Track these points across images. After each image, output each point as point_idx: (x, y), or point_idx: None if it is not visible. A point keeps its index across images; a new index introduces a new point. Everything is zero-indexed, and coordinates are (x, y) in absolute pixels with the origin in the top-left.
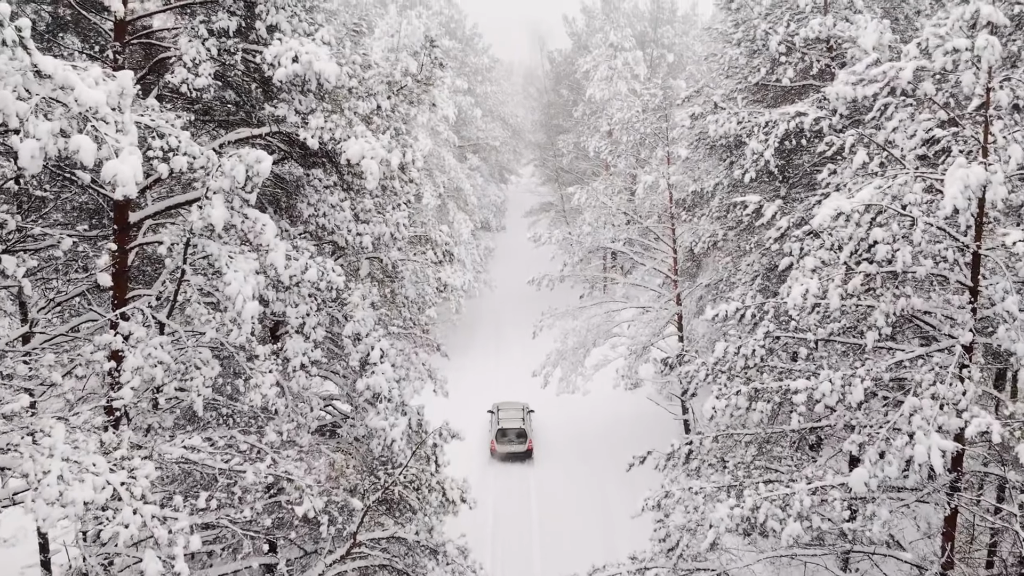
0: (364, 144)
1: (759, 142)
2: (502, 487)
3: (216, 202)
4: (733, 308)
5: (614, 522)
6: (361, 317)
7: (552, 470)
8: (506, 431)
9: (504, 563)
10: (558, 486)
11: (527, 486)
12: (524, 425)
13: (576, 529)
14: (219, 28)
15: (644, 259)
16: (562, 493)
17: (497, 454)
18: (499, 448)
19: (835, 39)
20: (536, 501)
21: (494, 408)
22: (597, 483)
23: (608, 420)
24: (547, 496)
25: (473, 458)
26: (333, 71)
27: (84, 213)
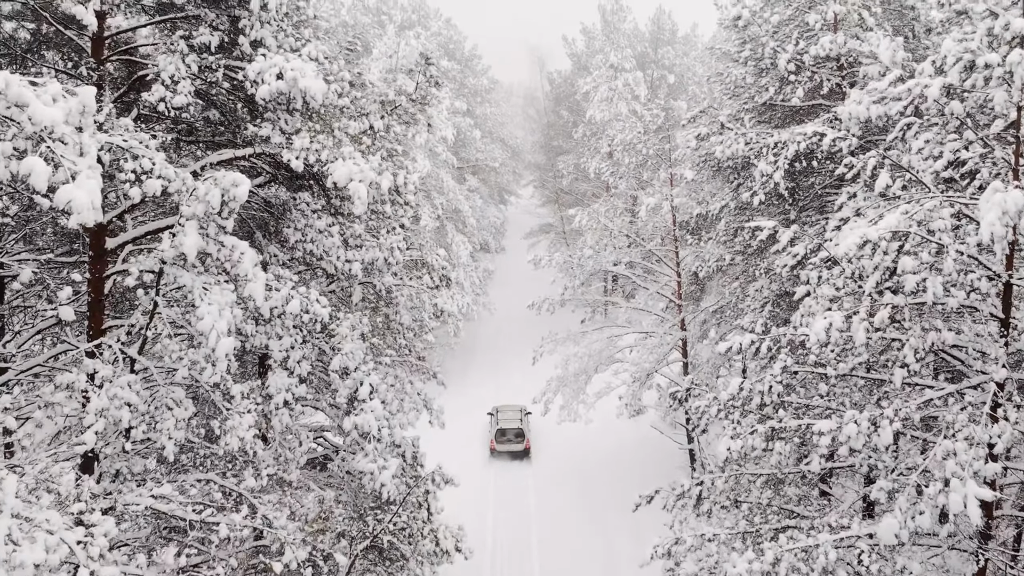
0: (352, 166)
1: (768, 164)
2: (501, 521)
3: (189, 229)
4: (748, 341)
5: (616, 564)
6: (350, 350)
7: (552, 499)
8: (505, 431)
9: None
10: (558, 516)
11: (526, 506)
12: (522, 425)
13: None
14: (200, 43)
15: (647, 283)
16: (562, 524)
17: (496, 452)
18: (498, 447)
19: (845, 57)
20: (536, 529)
21: (494, 410)
22: (599, 517)
23: (610, 448)
24: (547, 526)
25: (472, 470)
26: (319, 89)
27: (65, 238)
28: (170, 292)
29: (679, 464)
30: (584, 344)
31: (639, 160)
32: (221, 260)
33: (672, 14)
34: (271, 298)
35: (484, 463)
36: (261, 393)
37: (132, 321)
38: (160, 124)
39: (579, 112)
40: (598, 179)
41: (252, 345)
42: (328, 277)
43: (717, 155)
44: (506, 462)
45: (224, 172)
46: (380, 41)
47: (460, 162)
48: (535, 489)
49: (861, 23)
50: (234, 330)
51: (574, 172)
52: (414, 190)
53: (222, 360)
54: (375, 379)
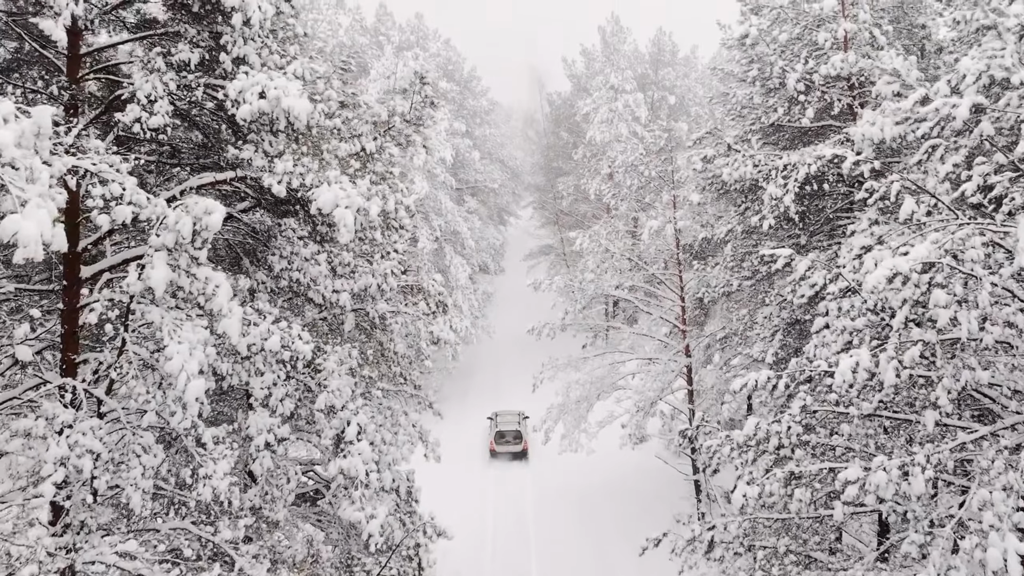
0: (338, 191)
1: (778, 187)
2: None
3: (157, 262)
4: (764, 377)
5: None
6: (336, 387)
7: (553, 530)
8: (504, 433)
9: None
10: (559, 548)
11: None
12: (520, 427)
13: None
14: (179, 61)
15: (650, 308)
16: (563, 556)
17: (496, 454)
18: (498, 448)
19: (856, 77)
20: (536, 562)
21: (493, 415)
22: (602, 551)
23: (612, 477)
24: (547, 559)
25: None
26: (304, 108)
27: (43, 263)
28: (140, 328)
29: (683, 494)
30: (585, 371)
31: (641, 182)
32: (194, 294)
33: (672, 35)
34: (249, 334)
35: (482, 498)
36: (241, 435)
37: (101, 358)
38: (143, 146)
39: (579, 133)
40: (598, 200)
41: (231, 384)
42: (317, 306)
43: (724, 178)
44: (506, 494)
45: (196, 198)
46: (378, 62)
47: (459, 183)
48: (535, 519)
49: (872, 42)
50: (208, 370)
51: (574, 193)
52: (412, 211)
53: (192, 404)
54: (363, 418)
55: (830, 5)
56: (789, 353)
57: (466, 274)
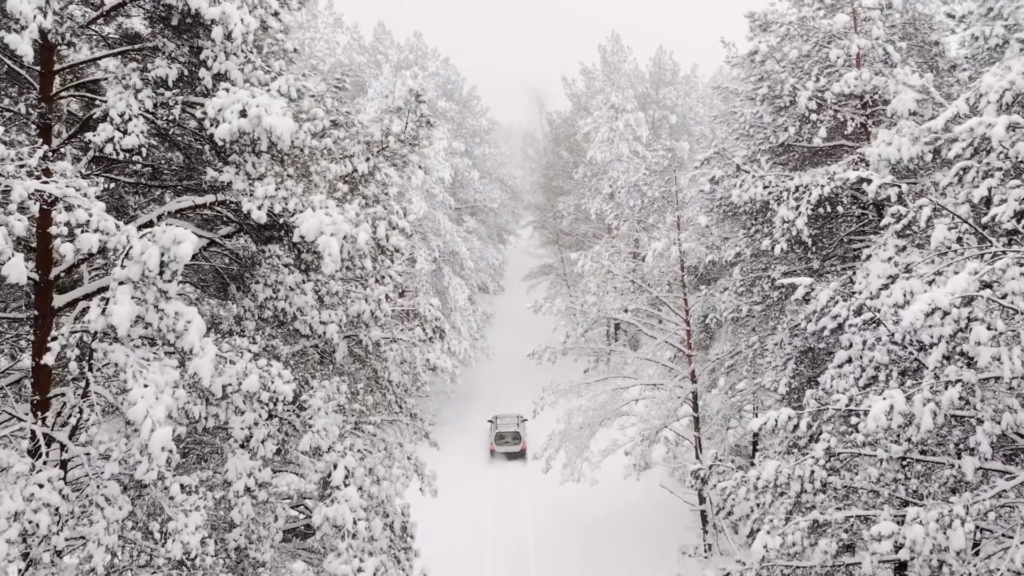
0: (323, 217)
1: (790, 209)
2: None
3: (121, 296)
4: (784, 417)
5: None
6: (323, 426)
7: (554, 559)
8: (503, 434)
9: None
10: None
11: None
12: (518, 429)
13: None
14: (156, 77)
15: (654, 331)
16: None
17: (496, 453)
18: (497, 448)
19: (870, 95)
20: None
21: (493, 418)
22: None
23: (615, 505)
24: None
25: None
26: (287, 128)
27: (19, 290)
28: (106, 366)
29: (688, 524)
30: (587, 396)
31: (644, 203)
32: (163, 331)
33: (673, 54)
34: (224, 372)
35: (480, 526)
36: (221, 479)
37: (66, 398)
38: (124, 167)
39: (579, 153)
40: (599, 220)
41: (205, 427)
42: (304, 336)
43: (734, 199)
44: (504, 528)
45: (163, 227)
46: (376, 81)
47: (458, 203)
48: (535, 551)
49: (886, 59)
50: (178, 414)
51: (574, 213)
52: (409, 233)
53: (159, 454)
54: (351, 461)
55: (842, 21)
56: (802, 382)
57: (465, 295)
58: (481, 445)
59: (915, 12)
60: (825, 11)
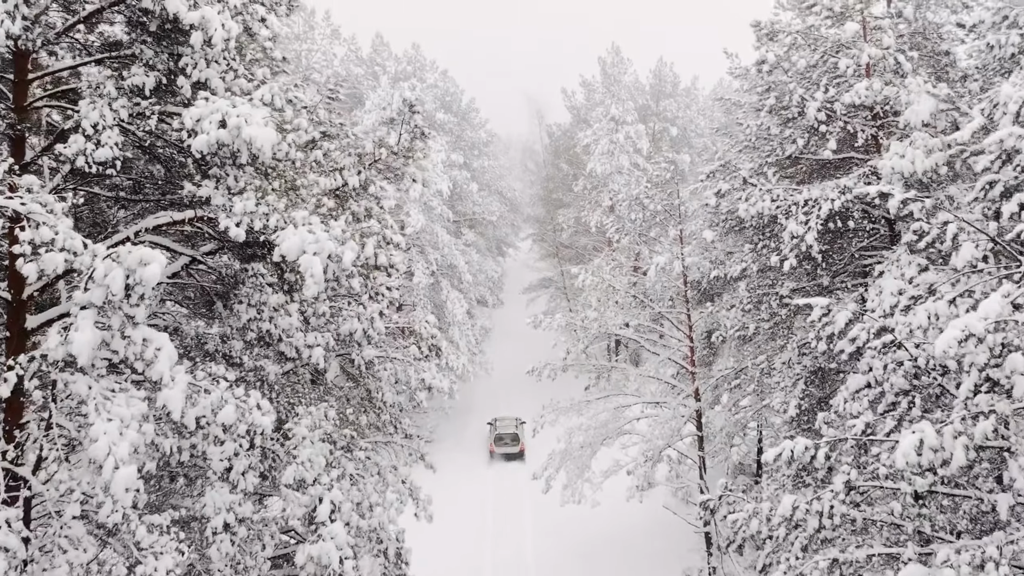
0: (305, 235)
1: (799, 224)
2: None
3: (83, 322)
4: (800, 447)
5: None
6: (308, 457)
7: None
8: (502, 436)
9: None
10: None
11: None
12: (517, 431)
13: None
14: (132, 86)
15: (657, 348)
16: None
17: (495, 454)
18: (496, 449)
19: (881, 106)
20: None
21: (493, 421)
22: None
23: (617, 526)
24: None
25: None
26: (268, 139)
27: None
28: (67, 398)
29: (692, 546)
30: (588, 415)
31: (646, 216)
32: (130, 359)
33: (673, 66)
34: (198, 403)
35: (479, 551)
36: (197, 514)
37: (30, 428)
38: (105, 181)
39: (579, 165)
40: (600, 233)
41: (180, 460)
42: (290, 359)
43: (741, 214)
44: (503, 558)
45: (128, 248)
46: (374, 93)
47: (456, 216)
48: (536, 569)
49: (897, 68)
50: (146, 449)
51: (574, 226)
52: (404, 247)
53: (123, 495)
54: (338, 494)
55: (852, 30)
56: (812, 404)
57: (463, 309)
58: (480, 463)
59: (925, 21)
60: (833, 20)
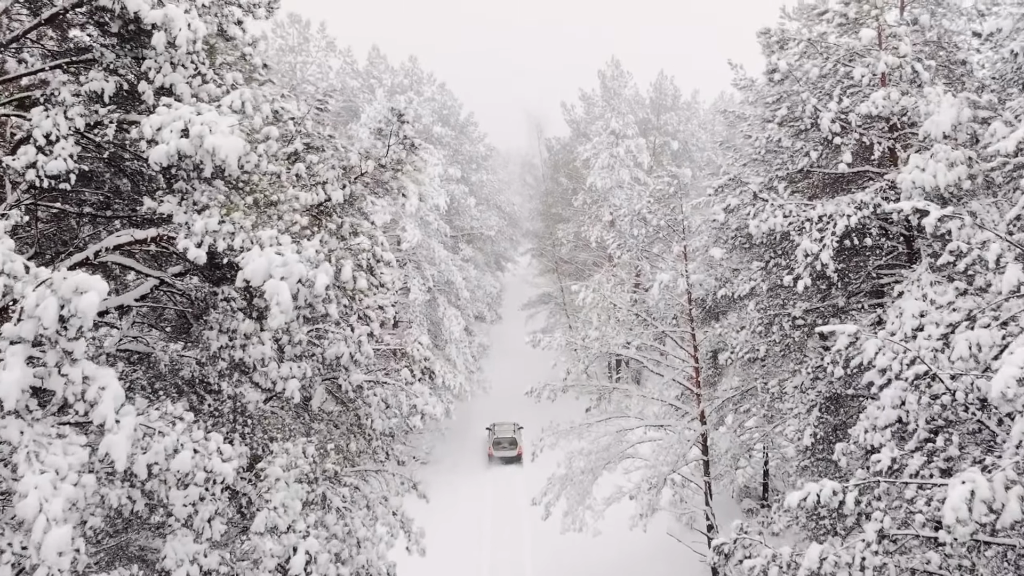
0: (272, 257)
1: (813, 241)
2: None
3: (12, 360)
4: (828, 492)
5: None
6: (281, 501)
7: None
8: (500, 440)
9: None
10: None
11: None
12: (515, 435)
13: None
14: (91, 91)
15: (661, 368)
16: None
17: (493, 458)
18: (495, 453)
19: (898, 117)
20: None
21: (491, 426)
22: None
23: (619, 553)
24: None
25: None
26: (233, 149)
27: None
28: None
29: (698, 574)
30: (589, 438)
31: (649, 231)
32: (70, 400)
33: (674, 79)
34: (151, 448)
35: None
36: (157, 567)
37: None
38: (70, 197)
39: (579, 179)
40: (600, 248)
41: (135, 510)
42: (265, 390)
43: (751, 230)
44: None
45: (63, 274)
46: (370, 106)
47: (454, 230)
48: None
49: (914, 77)
50: (88, 500)
51: (574, 241)
52: (396, 263)
53: (54, 559)
54: (314, 544)
55: (868, 36)
56: (827, 431)
57: (460, 327)
58: (478, 487)
59: (940, 29)
60: (847, 27)
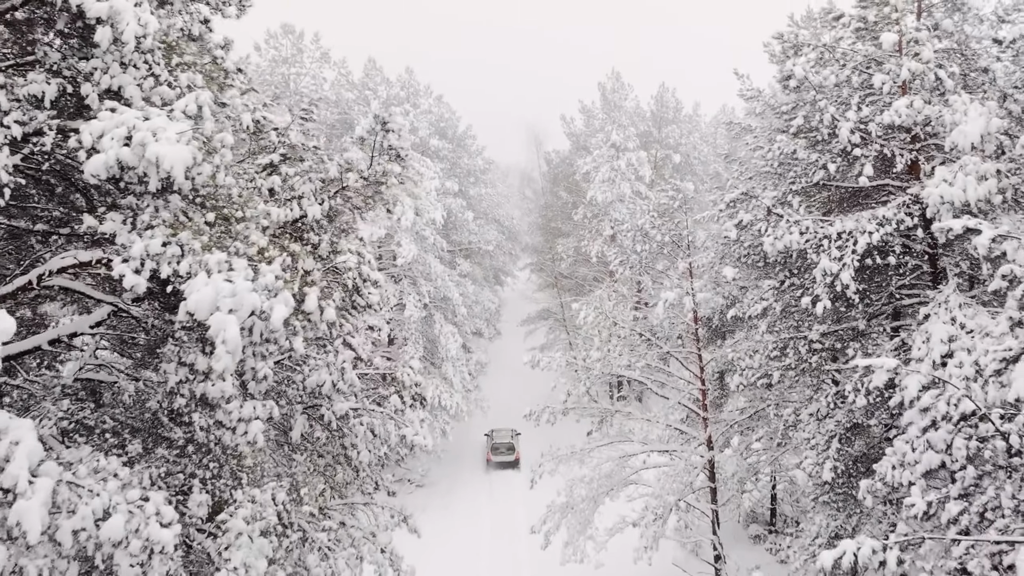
0: (221, 285)
1: (832, 260)
2: None
3: None
4: (867, 551)
5: None
6: (243, 560)
7: None
8: (498, 445)
9: None
10: None
11: None
12: (512, 441)
13: None
14: (29, 95)
15: (665, 391)
16: None
17: (492, 463)
18: (493, 458)
19: (921, 127)
20: None
21: (490, 432)
22: None
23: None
24: None
25: None
26: (180, 159)
27: None
28: None
29: None
30: (591, 465)
31: (653, 248)
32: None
33: (676, 91)
34: (78, 512)
35: None
36: None
37: None
38: (25, 212)
39: (579, 193)
40: (600, 263)
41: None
42: (230, 428)
43: (766, 248)
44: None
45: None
46: (364, 119)
47: (451, 245)
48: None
49: (937, 84)
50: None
51: (574, 255)
52: (394, 279)
53: None
54: None
55: (890, 41)
56: (847, 464)
57: (457, 344)
58: (473, 514)
59: (962, 35)
60: (865, 31)
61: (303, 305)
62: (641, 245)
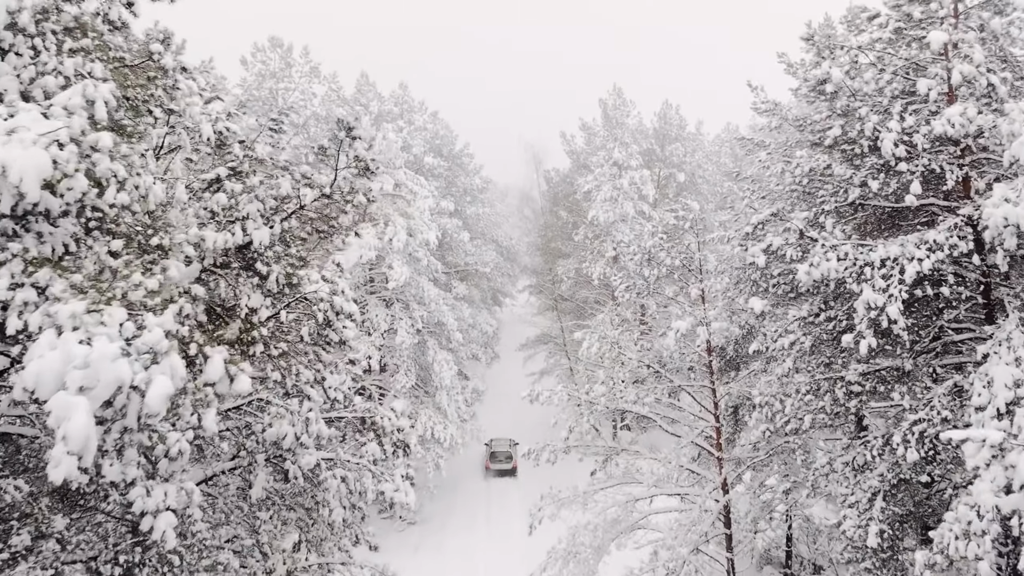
0: (72, 351)
1: (876, 291)
2: None
3: None
4: None
5: None
6: None
7: None
8: (496, 454)
9: None
10: None
11: None
12: (510, 450)
13: None
14: None
15: (675, 428)
16: None
17: (490, 470)
18: (492, 466)
19: (973, 139)
20: None
21: (489, 442)
22: None
23: None
24: None
25: None
26: (35, 167)
27: None
28: None
29: None
30: (595, 510)
31: (661, 272)
32: None
33: (680, 108)
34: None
35: None
36: None
37: None
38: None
39: (579, 212)
40: (603, 285)
41: None
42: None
43: (801, 278)
44: None
45: None
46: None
47: (446, 267)
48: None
49: (990, 91)
50: None
51: (575, 277)
52: (385, 303)
53: None
54: None
55: (939, 41)
56: (893, 524)
57: (452, 372)
58: (467, 552)
59: (1008, 38)
60: (907, 31)
61: (204, 374)
62: (648, 269)
